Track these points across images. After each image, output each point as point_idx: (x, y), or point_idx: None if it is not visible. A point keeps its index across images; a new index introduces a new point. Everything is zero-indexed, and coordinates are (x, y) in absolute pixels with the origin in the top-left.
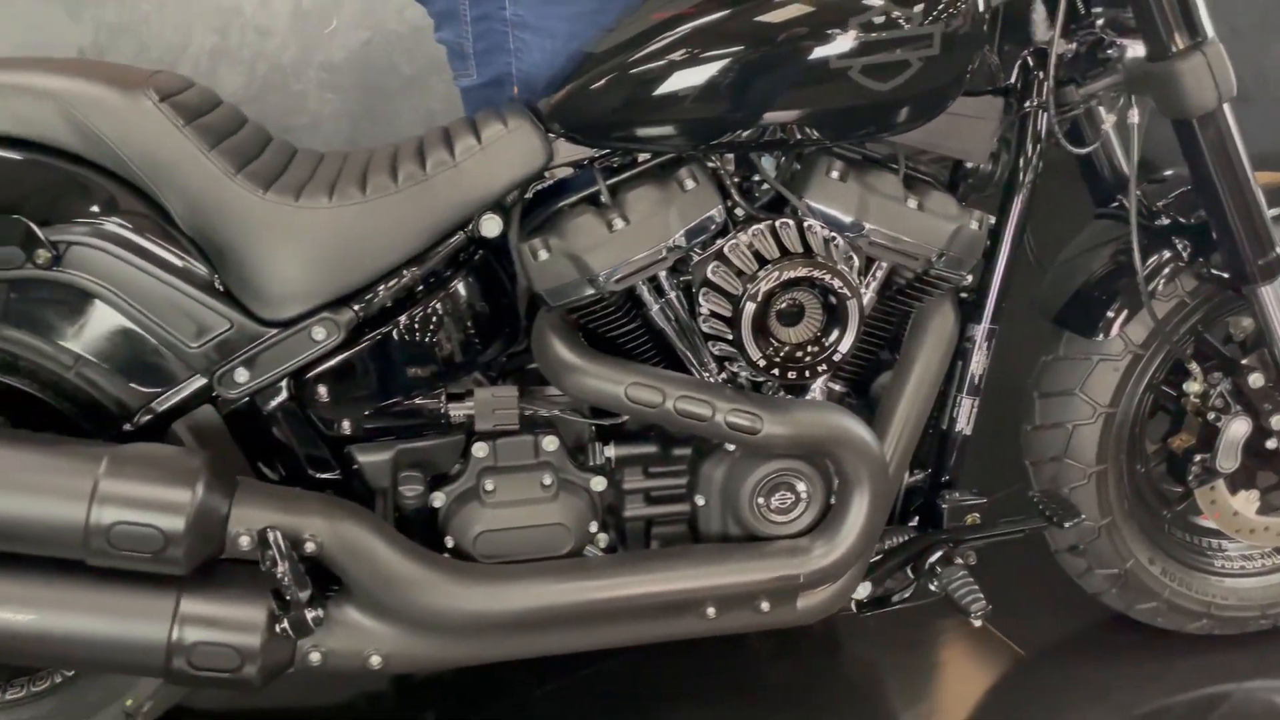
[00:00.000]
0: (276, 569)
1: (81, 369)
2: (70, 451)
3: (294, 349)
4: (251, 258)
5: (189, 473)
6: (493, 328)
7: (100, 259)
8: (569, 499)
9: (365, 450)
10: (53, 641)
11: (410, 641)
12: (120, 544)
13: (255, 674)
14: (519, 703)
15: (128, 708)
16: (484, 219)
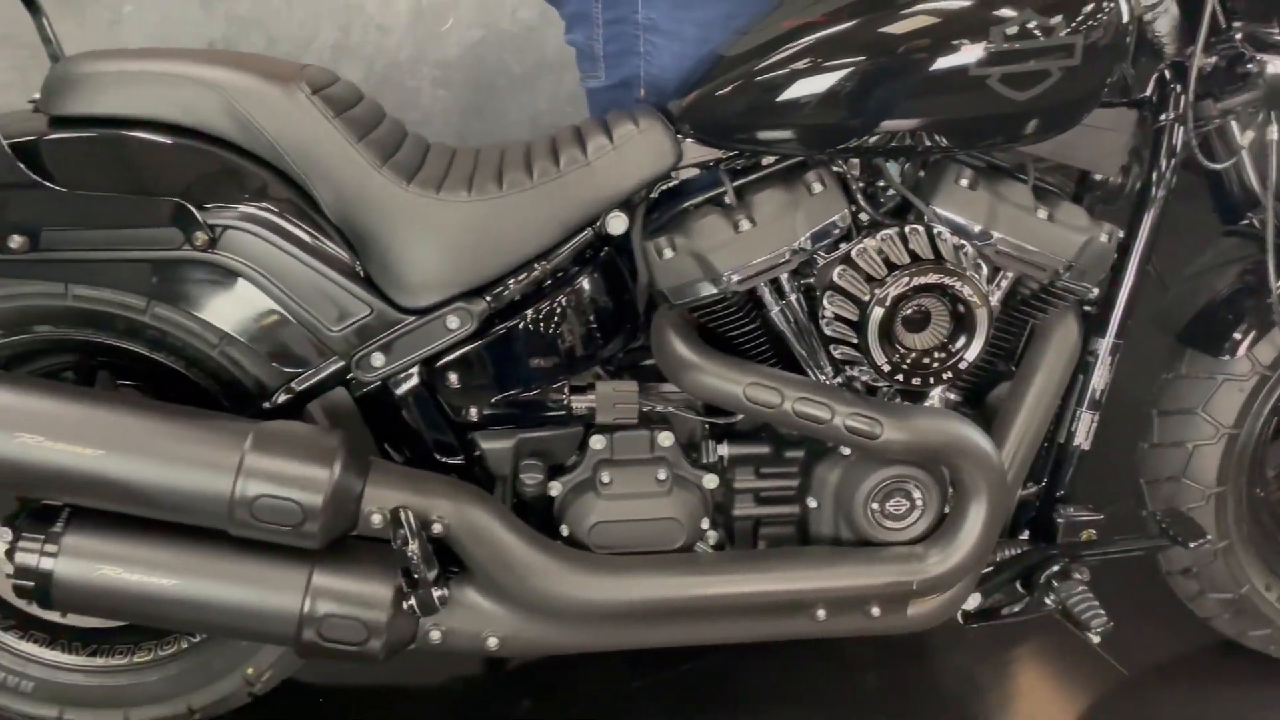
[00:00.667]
0: (407, 548)
1: (225, 348)
2: (218, 426)
3: (428, 336)
4: (393, 247)
5: (328, 451)
6: (614, 323)
7: (252, 243)
8: (682, 495)
9: (488, 437)
10: (193, 607)
11: (526, 625)
12: (262, 516)
13: (379, 649)
14: (616, 694)
15: (248, 676)
16: (611, 217)
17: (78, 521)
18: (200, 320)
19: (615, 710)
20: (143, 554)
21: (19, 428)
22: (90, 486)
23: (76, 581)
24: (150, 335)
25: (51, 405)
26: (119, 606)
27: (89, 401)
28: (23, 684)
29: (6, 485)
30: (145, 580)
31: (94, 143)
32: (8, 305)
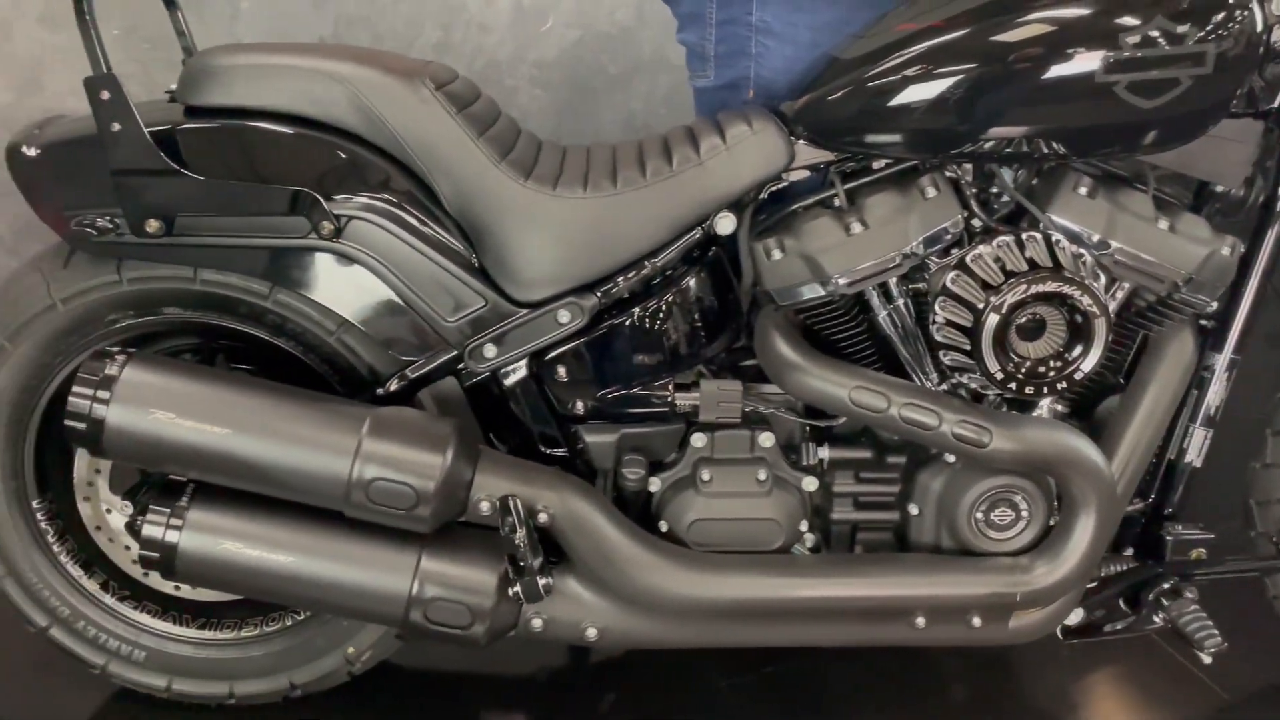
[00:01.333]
0: (515, 535)
1: (342, 335)
2: (337, 410)
3: (539, 329)
4: (509, 241)
5: (441, 438)
6: (719, 323)
7: (375, 233)
8: (782, 496)
9: (592, 431)
10: (307, 584)
11: (625, 618)
12: (377, 499)
13: (483, 633)
14: (705, 693)
15: (349, 655)
16: (720, 217)
17: (202, 497)
18: (320, 307)
19: (701, 708)
20: (262, 531)
21: (153, 404)
22: (216, 463)
23: (199, 555)
24: (271, 320)
25: (183, 384)
26: (237, 580)
27: (218, 382)
28: (135, 653)
29: (137, 459)
30: (263, 556)
31: (227, 132)
32: (140, 288)
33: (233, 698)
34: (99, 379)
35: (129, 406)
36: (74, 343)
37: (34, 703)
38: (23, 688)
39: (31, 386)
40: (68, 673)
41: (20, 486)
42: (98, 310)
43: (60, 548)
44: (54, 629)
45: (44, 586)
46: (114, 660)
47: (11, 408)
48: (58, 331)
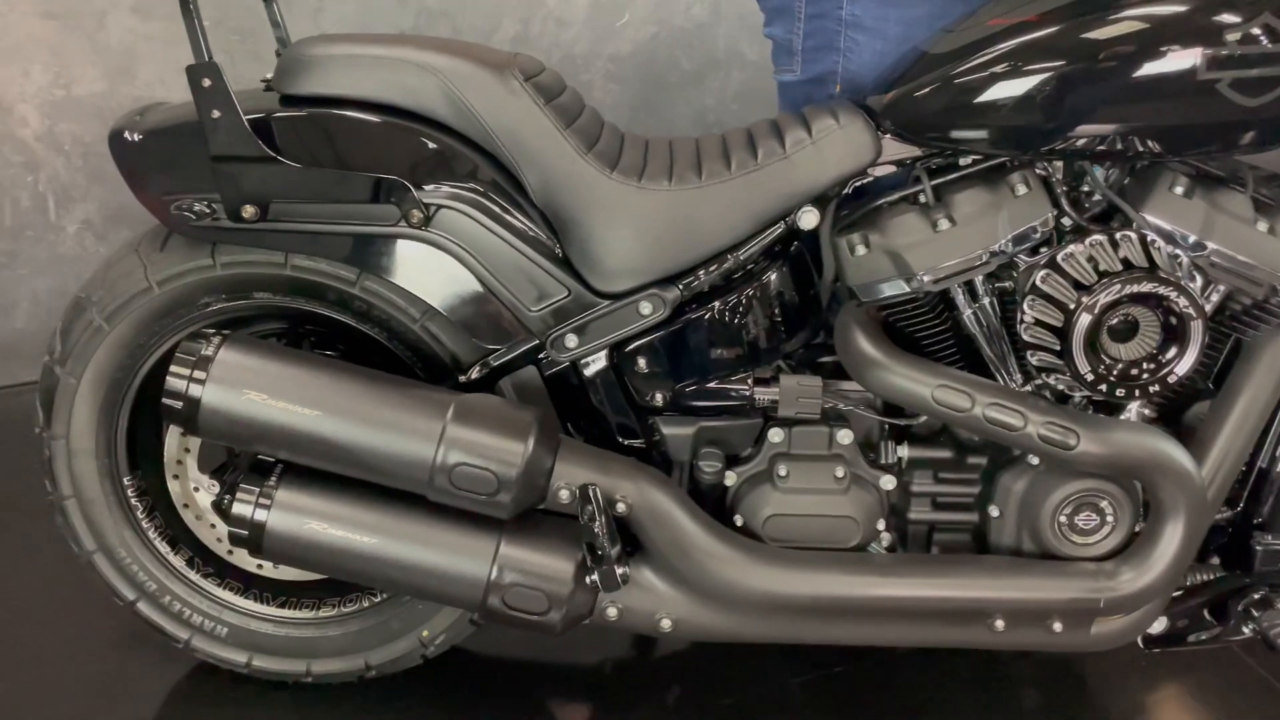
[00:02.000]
0: (594, 524)
1: (427, 322)
2: (423, 396)
3: (621, 320)
4: (594, 232)
5: (524, 426)
6: (800, 318)
7: (462, 223)
8: (860, 494)
9: (669, 423)
10: (389, 565)
11: (700, 610)
12: (460, 484)
13: (559, 620)
14: (774, 690)
15: (423, 638)
16: (803, 211)
17: (289, 477)
18: (406, 294)
19: (771, 705)
20: (347, 512)
21: (246, 385)
22: (305, 444)
23: (286, 534)
24: (357, 306)
25: (275, 366)
26: (321, 560)
27: (308, 365)
28: (218, 629)
29: (230, 439)
30: (348, 537)
31: (321, 121)
32: (233, 272)
33: (310, 675)
34: (196, 359)
35: (223, 387)
36: (168, 324)
37: (116, 675)
38: (105, 660)
39: (126, 366)
40: (148, 647)
41: (112, 464)
42: (192, 293)
43: (149, 524)
44: (141, 603)
45: (133, 561)
46: (197, 635)
47: (106, 387)
48: (153, 313)
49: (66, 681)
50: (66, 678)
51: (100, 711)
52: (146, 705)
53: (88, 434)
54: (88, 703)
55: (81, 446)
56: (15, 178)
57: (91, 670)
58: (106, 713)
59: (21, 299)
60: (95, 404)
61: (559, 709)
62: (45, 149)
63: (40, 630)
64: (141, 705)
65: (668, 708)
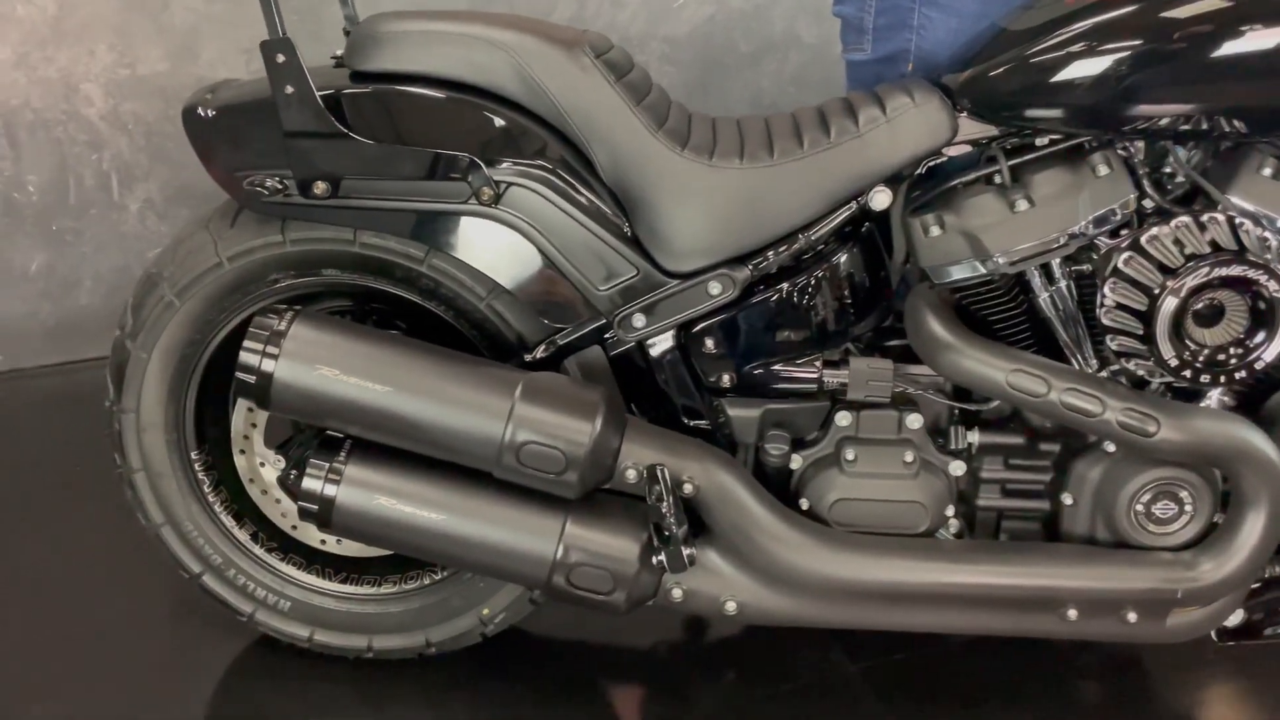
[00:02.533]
0: (662, 505)
1: (493, 300)
2: (492, 374)
3: (690, 300)
4: (664, 211)
5: (591, 405)
6: (869, 300)
7: (532, 200)
8: (928, 479)
9: (735, 404)
10: (456, 542)
11: (765, 594)
12: (527, 462)
13: (623, 601)
14: (833, 676)
15: (484, 616)
16: (876, 191)
17: (358, 453)
18: (474, 272)
19: (829, 691)
20: (415, 489)
21: (319, 361)
22: (375, 420)
23: (355, 509)
24: (424, 284)
25: (347, 342)
26: (389, 536)
27: (379, 342)
28: (281, 603)
29: (301, 413)
30: (415, 513)
31: (392, 97)
32: (302, 249)
33: (371, 651)
34: (269, 334)
35: (296, 361)
36: (237, 300)
37: (181, 647)
38: (170, 633)
39: (195, 341)
40: (213, 620)
41: (180, 438)
42: (261, 269)
43: (215, 498)
44: (206, 576)
45: (199, 535)
46: (261, 609)
47: (176, 362)
48: (223, 289)
49: (133, 652)
50: (132, 648)
51: (164, 682)
52: (209, 677)
53: (157, 408)
54: (152, 674)
55: (151, 420)
56: (80, 156)
57: (156, 642)
58: (170, 684)
59: (85, 277)
60: (165, 378)
61: (614, 690)
62: (109, 128)
63: (107, 602)
64: (204, 677)
65: (724, 691)
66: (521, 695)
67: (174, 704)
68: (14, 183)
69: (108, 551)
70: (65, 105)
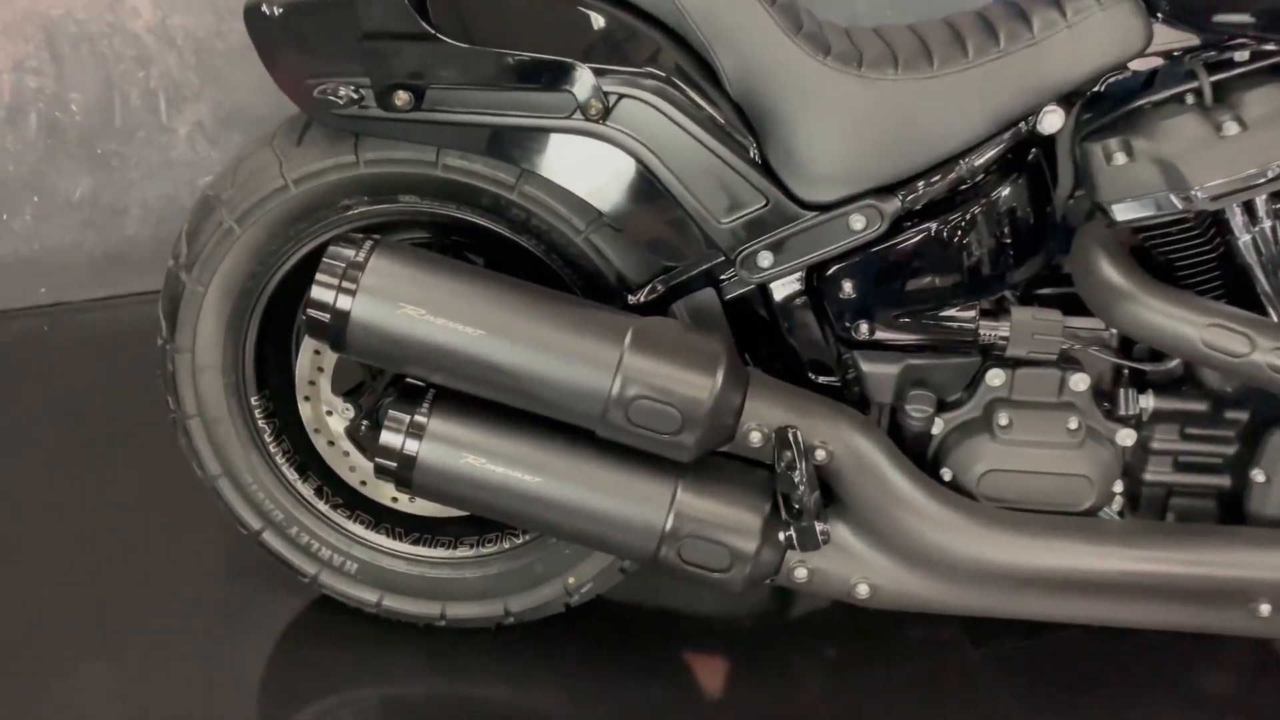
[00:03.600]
0: (794, 473)
1: (593, 234)
2: (598, 317)
3: (827, 236)
4: (801, 130)
5: (713, 356)
6: (1033, 241)
7: (646, 116)
8: (1095, 449)
9: (871, 359)
10: (552, 508)
11: (903, 576)
12: (637, 420)
13: (741, 579)
14: (954, 660)
15: (568, 585)
16: (1047, 112)
17: (443, 405)
18: (573, 200)
19: (949, 677)
20: (506, 447)
21: (402, 299)
22: (464, 368)
23: (438, 467)
24: (514, 215)
25: (434, 278)
26: (476, 498)
27: (470, 278)
28: (347, 564)
29: (380, 358)
30: (507, 475)
31: None
32: (379, 170)
33: (444, 619)
34: (345, 266)
35: (376, 298)
36: (304, 229)
37: (238, 607)
38: (226, 592)
39: (257, 274)
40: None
41: (239, 381)
42: (332, 193)
43: (276, 448)
44: (267, 533)
45: (259, 489)
46: (325, 570)
47: (236, 296)
48: (288, 215)
49: (186, 612)
50: (186, 608)
51: (220, 644)
52: (266, 638)
53: (214, 348)
54: (207, 635)
55: (207, 361)
56: (126, 73)
57: (212, 601)
58: (226, 645)
59: (132, 205)
60: (223, 315)
61: (703, 668)
62: (157, 43)
63: (158, 558)
64: (262, 639)
65: (827, 675)
66: (604, 670)
67: (229, 666)
68: (56, 101)
69: (160, 503)
70: (110, 17)
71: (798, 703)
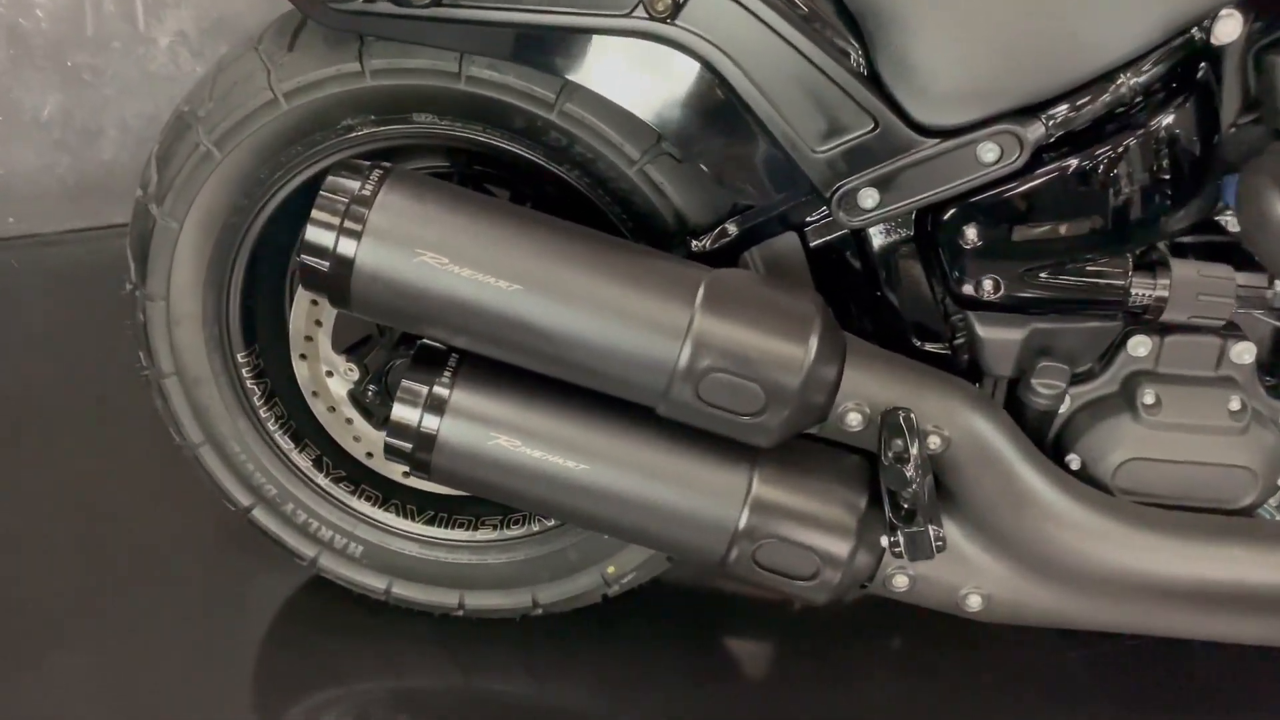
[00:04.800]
0: (905, 465)
1: (649, 164)
2: (660, 269)
3: (949, 170)
4: (922, 32)
5: (804, 318)
6: (1199, 178)
7: (726, 13)
8: (1260, 435)
9: (990, 322)
10: (598, 499)
11: (1025, 586)
12: (709, 397)
13: (829, 588)
14: (1046, 663)
15: (608, 575)
16: (1223, 16)
17: (468, 374)
18: (628, 120)
19: (1041, 681)
20: (545, 426)
21: (419, 243)
22: (496, 330)
23: (464, 450)
24: (552, 140)
25: (459, 217)
26: (507, 486)
27: (503, 218)
28: (351, 546)
29: (392, 316)
30: (546, 459)
31: None
32: (387, 83)
33: (462, 609)
34: (348, 201)
35: (387, 242)
36: (297, 153)
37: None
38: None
39: (241, 208)
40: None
41: (222, 334)
42: (330, 111)
43: (268, 413)
44: (257, 510)
45: (248, 459)
46: (326, 552)
47: (217, 234)
48: (278, 136)
49: (171, 595)
50: (172, 590)
51: (208, 632)
52: (258, 622)
53: (193, 295)
54: (194, 623)
55: (185, 311)
56: None
57: (200, 581)
58: (215, 633)
59: (108, 125)
60: (202, 257)
61: (756, 665)
62: None
63: (141, 530)
64: (253, 624)
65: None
66: (644, 666)
67: (219, 656)
68: (19, 5)
69: (141, 465)
70: None
71: (868, 707)
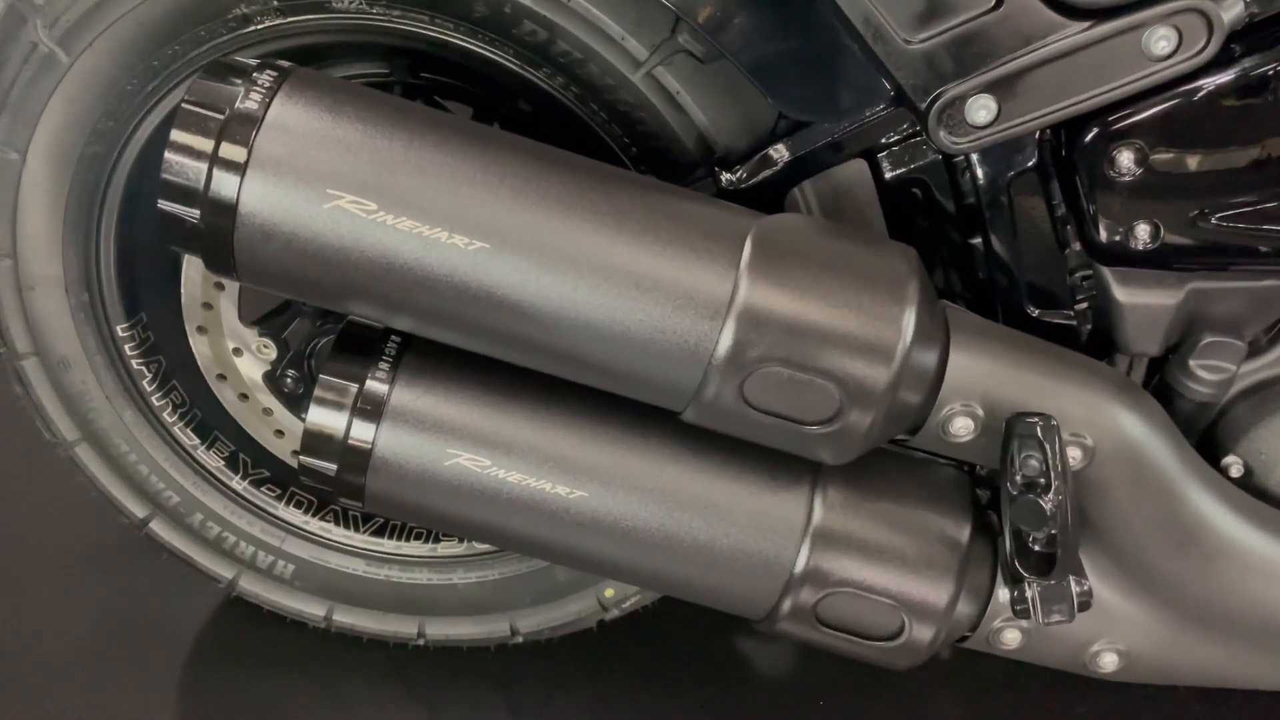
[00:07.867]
0: (1044, 495)
1: (658, 68)
2: (685, 213)
3: (1102, 67)
4: None
5: (896, 282)
6: None
7: None
8: None
9: (1134, 283)
10: (597, 536)
11: (1181, 641)
12: (759, 399)
13: (918, 650)
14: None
15: (605, 599)
16: None
17: (414, 364)
18: (630, 5)
19: None
20: (525, 437)
21: (334, 180)
22: (452, 305)
23: (412, 470)
24: (528, 35)
25: (396, 141)
26: (476, 520)
27: (464, 144)
28: (279, 565)
29: (294, 288)
30: (526, 484)
31: None
32: None
33: (423, 638)
34: (224, 118)
35: (286, 179)
36: (175, 55)
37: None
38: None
39: (106, 133)
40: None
41: (94, 300)
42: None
43: (163, 400)
44: (156, 522)
45: (140, 459)
46: (248, 573)
47: (75, 169)
48: (147, 31)
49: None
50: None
51: (109, 668)
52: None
53: (49, 250)
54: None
55: (42, 272)
56: None
57: (95, 610)
58: (116, 669)
59: None
60: (58, 199)
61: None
62: None
63: (17, 545)
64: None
65: None
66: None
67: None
68: None
69: (19, 470)
70: None
71: None
